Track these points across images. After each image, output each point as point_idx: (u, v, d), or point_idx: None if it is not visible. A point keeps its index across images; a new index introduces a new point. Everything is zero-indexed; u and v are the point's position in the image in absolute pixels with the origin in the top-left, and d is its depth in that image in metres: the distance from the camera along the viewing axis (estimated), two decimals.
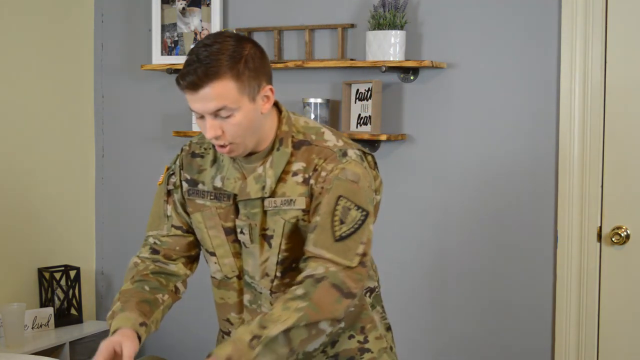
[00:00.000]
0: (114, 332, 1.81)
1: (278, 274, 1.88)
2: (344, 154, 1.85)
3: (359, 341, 1.99)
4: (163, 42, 3.56)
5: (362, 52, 3.24)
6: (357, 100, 3.21)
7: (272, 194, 1.84)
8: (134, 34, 3.72)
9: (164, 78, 3.65)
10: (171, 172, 2.01)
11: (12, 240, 3.44)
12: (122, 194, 3.80)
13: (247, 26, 3.45)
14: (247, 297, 1.93)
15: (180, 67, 3.44)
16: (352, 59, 3.23)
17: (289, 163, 1.84)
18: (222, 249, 1.92)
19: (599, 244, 2.98)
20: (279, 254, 1.85)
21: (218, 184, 1.90)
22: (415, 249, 3.23)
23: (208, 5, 3.47)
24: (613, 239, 2.95)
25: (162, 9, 3.55)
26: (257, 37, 3.45)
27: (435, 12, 3.16)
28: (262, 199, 1.84)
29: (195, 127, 3.46)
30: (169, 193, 2.00)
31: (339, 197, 1.80)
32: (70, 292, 3.55)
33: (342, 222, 1.79)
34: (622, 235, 2.94)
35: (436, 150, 3.18)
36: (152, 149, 3.72)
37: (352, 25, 3.28)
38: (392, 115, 3.23)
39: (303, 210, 1.83)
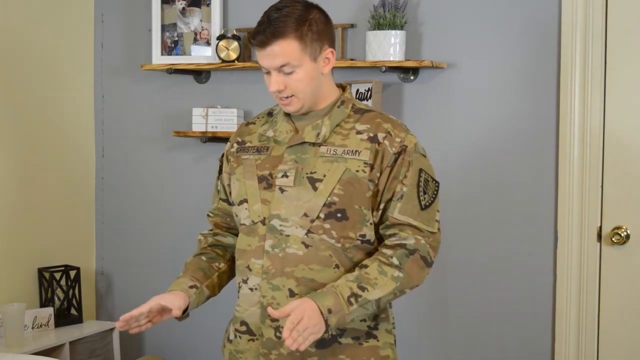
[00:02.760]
0: (167, 292, 2.06)
1: (321, 216, 1.96)
2: (407, 128, 2.06)
3: (368, 325, 2.04)
4: (163, 42, 3.56)
5: (362, 52, 3.24)
6: (357, 99, 3.21)
7: (327, 143, 2.00)
8: (134, 34, 3.72)
9: (164, 78, 3.65)
10: (221, 154, 2.21)
11: (12, 240, 3.44)
12: (122, 194, 3.80)
13: (247, 26, 3.45)
14: (269, 243, 2.00)
15: (180, 67, 3.47)
16: (352, 59, 3.23)
17: (351, 122, 2.02)
18: (254, 196, 2.03)
19: (599, 244, 2.98)
20: (328, 197, 1.96)
21: (270, 134, 2.07)
22: None
23: (208, 5, 3.47)
24: (613, 239, 2.95)
25: (162, 9, 3.55)
26: None
27: (435, 12, 3.16)
28: (316, 145, 2.00)
29: (196, 127, 3.46)
30: (219, 170, 2.21)
31: (420, 170, 2.00)
32: (70, 292, 3.55)
33: (425, 193, 2.00)
34: (622, 235, 2.94)
35: (436, 150, 3.18)
36: (152, 149, 3.72)
37: (352, 25, 3.28)
38: (392, 115, 3.22)
39: (366, 163, 1.97)
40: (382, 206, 1.99)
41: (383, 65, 3.06)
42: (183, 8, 3.52)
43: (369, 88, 3.16)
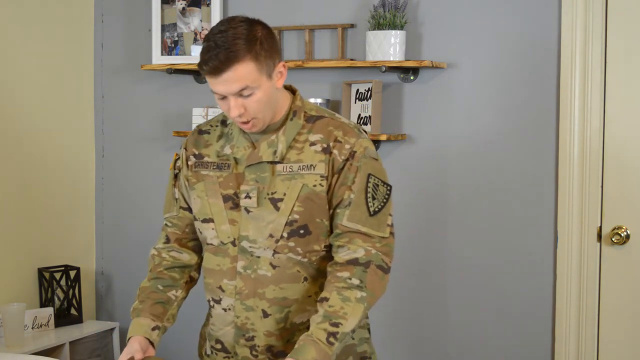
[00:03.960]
0: (129, 338, 2.02)
1: (285, 235, 1.95)
2: (360, 131, 2.01)
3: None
4: (163, 42, 3.56)
5: (362, 52, 3.24)
6: (357, 100, 3.21)
7: (283, 160, 1.97)
8: (134, 34, 3.73)
9: (164, 78, 3.65)
10: (177, 157, 2.16)
11: (12, 240, 3.44)
12: (122, 194, 3.80)
13: None
14: (241, 264, 1.99)
15: (180, 67, 3.47)
16: (352, 59, 3.23)
17: (305, 134, 1.98)
18: (220, 215, 2.01)
19: (599, 244, 2.98)
20: (289, 215, 1.94)
21: (227, 151, 2.02)
22: (415, 249, 3.23)
23: (208, 5, 3.48)
24: (613, 239, 2.95)
25: (162, 9, 3.55)
26: None
27: (435, 12, 3.16)
28: (273, 163, 1.97)
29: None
30: (176, 177, 2.16)
31: (369, 175, 1.96)
32: (70, 292, 3.55)
33: (374, 198, 1.96)
34: (622, 235, 2.94)
35: (436, 150, 3.18)
36: (152, 149, 3.72)
37: (352, 25, 3.28)
38: (392, 115, 3.23)
39: (322, 176, 1.95)
40: (331, 213, 1.97)
41: (383, 65, 3.06)
42: (183, 8, 3.52)
43: (369, 88, 3.16)
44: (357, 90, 3.21)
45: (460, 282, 3.17)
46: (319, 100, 3.22)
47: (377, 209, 1.95)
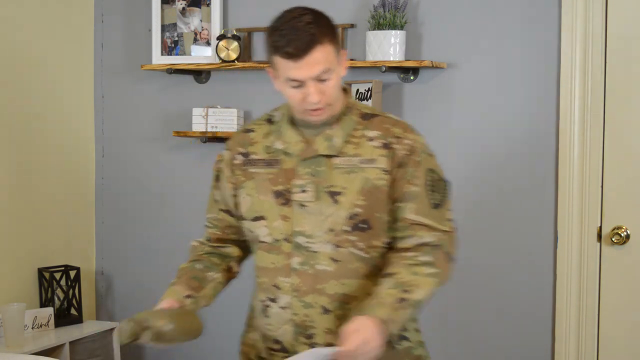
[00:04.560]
0: (160, 301, 1.99)
1: (347, 229, 1.93)
2: (413, 128, 2.03)
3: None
4: (163, 42, 3.56)
5: (362, 52, 3.24)
6: (357, 100, 3.21)
7: (340, 154, 1.95)
8: (134, 34, 3.72)
9: (164, 78, 3.65)
10: (219, 159, 2.13)
11: (12, 240, 3.44)
12: (122, 194, 3.80)
13: (247, 26, 3.45)
14: (296, 260, 1.96)
15: (180, 67, 3.46)
16: (352, 59, 3.23)
17: (360, 130, 1.98)
18: (272, 212, 1.98)
19: (599, 244, 2.98)
20: (350, 209, 1.93)
21: (279, 146, 1.99)
22: None
23: (208, 5, 3.47)
24: (613, 239, 2.95)
25: (162, 9, 3.55)
26: (257, 37, 3.45)
27: (435, 12, 3.16)
28: (330, 157, 1.95)
29: (196, 127, 3.46)
30: (217, 179, 2.12)
31: (428, 169, 1.99)
32: (70, 292, 3.55)
33: (435, 192, 1.98)
34: (622, 235, 2.94)
35: (436, 150, 3.17)
36: (152, 149, 3.72)
37: (352, 25, 3.28)
38: (393, 115, 3.22)
39: (384, 170, 1.94)
40: (393, 208, 1.96)
41: (383, 65, 3.06)
42: (183, 8, 3.52)
43: (369, 88, 3.16)
44: (357, 90, 3.21)
45: (460, 282, 3.17)
46: None
47: (438, 203, 1.97)
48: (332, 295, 1.95)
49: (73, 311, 3.57)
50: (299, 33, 1.84)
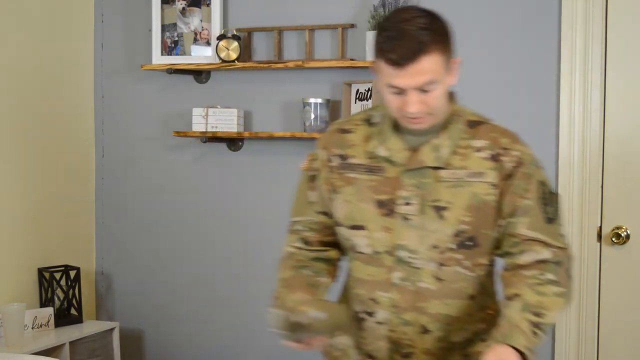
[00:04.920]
0: None
1: (452, 246, 1.83)
2: (520, 138, 1.91)
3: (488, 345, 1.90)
4: (163, 42, 3.56)
5: (362, 52, 3.24)
6: (357, 100, 3.21)
7: (447, 166, 1.84)
8: (134, 34, 3.72)
9: (164, 78, 3.65)
10: (313, 158, 2.00)
11: (12, 240, 3.44)
12: (122, 194, 3.80)
13: (247, 26, 3.45)
14: (397, 275, 1.86)
15: (180, 67, 3.46)
16: (352, 59, 3.23)
17: (466, 139, 1.86)
18: (373, 222, 1.86)
19: (599, 244, 2.98)
20: (456, 225, 1.82)
21: (383, 153, 1.87)
22: None
23: (208, 5, 3.47)
24: (613, 239, 2.95)
25: (162, 9, 3.55)
26: (257, 37, 3.45)
27: None
28: (436, 169, 1.83)
29: (196, 127, 3.46)
30: (312, 179, 1.99)
31: (540, 182, 1.86)
32: (70, 292, 3.55)
33: (549, 205, 1.86)
34: (622, 235, 2.94)
35: None
36: (152, 149, 3.72)
37: (352, 25, 3.28)
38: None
39: (493, 185, 1.83)
40: (502, 223, 1.85)
41: None
42: (183, 8, 3.52)
43: (369, 88, 3.16)
44: (357, 90, 3.21)
45: None
46: (319, 100, 3.23)
47: (551, 217, 1.86)
48: (433, 315, 1.86)
49: (73, 311, 3.57)
50: (406, 39, 1.71)
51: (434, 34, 1.73)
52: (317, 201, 1.97)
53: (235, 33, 3.38)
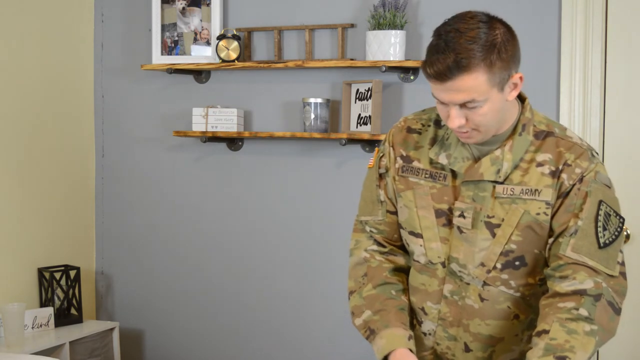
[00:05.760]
0: (389, 353, 1.75)
1: (498, 266, 1.76)
2: (593, 154, 1.77)
3: None
4: (163, 42, 3.56)
5: (362, 52, 3.24)
6: (357, 100, 3.21)
7: (506, 180, 1.74)
8: (134, 34, 3.72)
9: (164, 78, 3.65)
10: (381, 154, 1.91)
11: (12, 240, 3.44)
12: (122, 193, 3.80)
13: (247, 26, 3.45)
14: (448, 287, 1.81)
15: (180, 67, 3.46)
16: (352, 59, 3.23)
17: (531, 152, 1.75)
18: (431, 231, 1.81)
19: None
20: (505, 244, 1.74)
21: (443, 160, 1.79)
22: None
23: (208, 5, 3.47)
24: None
25: (162, 9, 3.55)
26: (257, 37, 3.45)
27: (435, 12, 3.16)
28: (495, 183, 1.75)
29: (196, 127, 3.46)
30: (380, 177, 1.91)
31: (600, 202, 1.73)
32: (70, 292, 3.55)
33: (604, 229, 1.73)
34: None
35: None
36: (152, 149, 3.72)
37: (352, 25, 3.28)
38: (392, 115, 3.23)
39: (547, 204, 1.73)
40: (551, 241, 1.74)
41: (383, 65, 3.06)
42: (183, 8, 3.52)
43: (369, 88, 3.16)
44: (357, 90, 3.21)
45: None
46: (319, 100, 3.22)
47: (607, 242, 1.73)
48: (474, 335, 1.81)
49: (73, 311, 3.57)
50: (448, 53, 1.61)
51: (483, 49, 1.62)
52: (386, 200, 1.90)
53: (235, 33, 3.38)
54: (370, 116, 3.15)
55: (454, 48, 1.62)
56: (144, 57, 3.66)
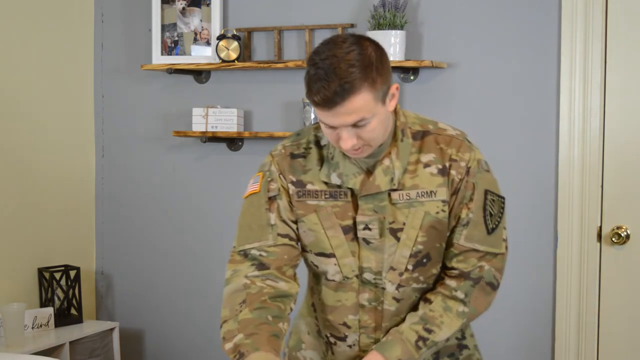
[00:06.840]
0: None
1: (410, 267, 1.85)
2: (469, 141, 1.88)
3: (457, 338, 1.98)
4: (163, 42, 3.56)
5: None
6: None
7: (399, 186, 1.81)
8: (134, 34, 3.72)
9: (164, 78, 3.65)
10: (269, 179, 1.88)
11: (12, 240, 3.44)
12: (122, 194, 3.80)
13: (247, 26, 3.45)
14: (364, 296, 1.88)
15: (181, 67, 3.46)
16: None
17: (415, 154, 1.83)
18: (342, 249, 1.85)
19: (599, 244, 2.98)
20: (412, 246, 1.83)
21: (336, 181, 1.83)
22: None
23: (208, 5, 3.47)
24: (613, 239, 2.95)
25: (162, 9, 3.55)
26: (257, 37, 3.45)
27: (435, 12, 3.16)
28: (390, 191, 1.81)
29: (196, 127, 3.46)
30: (270, 200, 1.87)
31: (486, 191, 1.85)
32: (70, 292, 3.55)
33: (491, 215, 1.86)
34: (622, 235, 2.94)
35: None
36: (152, 149, 3.72)
37: (352, 25, 3.28)
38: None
39: (444, 201, 1.83)
40: (447, 234, 1.87)
41: None
42: (183, 8, 3.52)
43: None
44: None
45: None
46: None
47: (494, 226, 1.85)
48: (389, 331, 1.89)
49: (73, 311, 3.57)
50: (331, 79, 1.64)
51: (363, 70, 1.66)
52: (276, 224, 1.86)
53: (235, 33, 3.38)
54: None
55: (336, 74, 1.65)
56: (144, 57, 3.66)
